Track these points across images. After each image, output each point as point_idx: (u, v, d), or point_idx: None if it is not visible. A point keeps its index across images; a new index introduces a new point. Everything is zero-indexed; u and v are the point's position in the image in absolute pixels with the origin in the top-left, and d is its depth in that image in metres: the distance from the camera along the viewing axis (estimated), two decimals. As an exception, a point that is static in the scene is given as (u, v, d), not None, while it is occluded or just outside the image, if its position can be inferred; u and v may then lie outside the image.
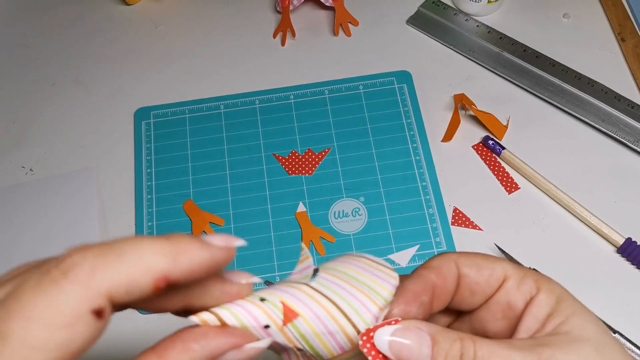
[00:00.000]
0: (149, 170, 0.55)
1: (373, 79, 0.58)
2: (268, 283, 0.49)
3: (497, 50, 0.58)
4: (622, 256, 0.48)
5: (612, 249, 0.49)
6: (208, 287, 0.24)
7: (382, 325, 0.24)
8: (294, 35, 0.62)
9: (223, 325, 0.23)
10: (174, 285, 0.21)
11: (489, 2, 0.60)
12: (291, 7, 0.62)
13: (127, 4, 0.65)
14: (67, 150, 0.57)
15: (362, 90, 0.57)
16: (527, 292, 0.28)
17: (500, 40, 0.59)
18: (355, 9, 0.63)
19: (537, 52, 0.58)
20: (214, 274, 0.23)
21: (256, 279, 0.26)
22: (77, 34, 0.64)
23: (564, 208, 0.51)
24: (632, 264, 0.48)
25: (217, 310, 0.23)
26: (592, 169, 0.53)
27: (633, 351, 0.44)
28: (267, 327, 0.24)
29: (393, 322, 0.25)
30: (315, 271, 0.26)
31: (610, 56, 0.58)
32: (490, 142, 0.53)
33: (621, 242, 0.48)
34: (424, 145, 0.54)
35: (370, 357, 0.24)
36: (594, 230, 0.49)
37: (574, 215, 0.50)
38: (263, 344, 0.24)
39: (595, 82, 0.56)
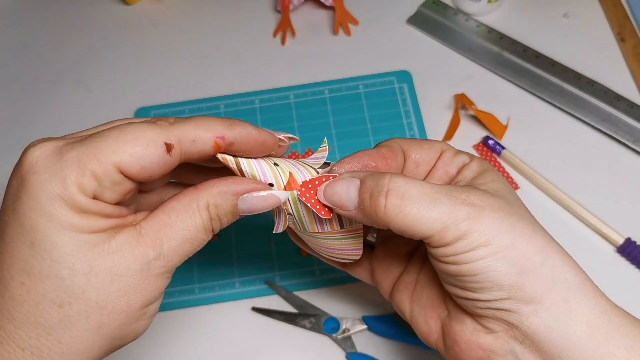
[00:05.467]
0: (149, 170, 0.55)
1: (373, 78, 0.58)
2: (268, 283, 0.49)
3: (497, 50, 0.58)
4: (622, 256, 0.48)
5: (612, 248, 0.49)
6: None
7: (319, 178, 0.30)
8: (294, 34, 0.62)
9: (239, 169, 0.29)
10: (230, 145, 0.28)
11: (489, 2, 0.60)
12: (291, 7, 0.62)
13: (127, 4, 0.65)
14: (67, 150, 0.57)
15: (362, 90, 0.57)
16: (461, 161, 0.33)
17: (500, 40, 0.59)
18: (355, 8, 0.63)
19: (537, 52, 0.58)
20: (261, 150, 0.30)
21: (291, 135, 0.32)
22: (77, 34, 0.64)
23: (564, 208, 0.51)
24: (632, 264, 0.48)
25: (239, 158, 0.29)
26: (592, 169, 0.53)
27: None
28: (271, 185, 0.29)
29: (331, 177, 0.30)
30: (326, 164, 0.32)
31: (610, 56, 0.58)
32: (491, 142, 0.53)
33: (621, 242, 0.48)
34: (424, 145, 0.54)
35: (309, 204, 0.29)
36: (594, 230, 0.50)
37: (574, 215, 0.50)
38: (279, 194, 0.29)
39: (595, 82, 0.56)
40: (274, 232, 0.33)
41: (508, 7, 0.62)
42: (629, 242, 0.48)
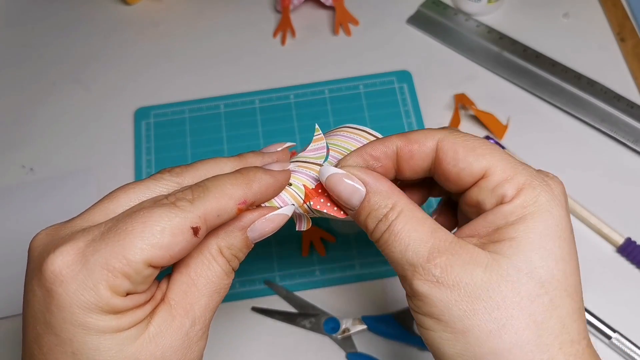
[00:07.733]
0: (148, 170, 0.55)
1: (373, 78, 0.58)
2: (267, 283, 0.49)
3: (497, 50, 0.58)
4: (622, 256, 0.48)
5: (612, 248, 0.49)
6: None
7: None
8: (294, 34, 0.62)
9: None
10: (251, 205, 0.28)
11: (489, 2, 0.60)
12: (291, 7, 0.62)
13: (127, 4, 0.65)
14: (67, 149, 0.57)
15: (362, 90, 0.57)
16: (500, 196, 0.27)
17: (500, 40, 0.59)
18: (355, 8, 0.63)
19: (537, 52, 0.58)
20: (278, 192, 0.30)
21: (288, 144, 0.34)
22: (77, 34, 0.64)
23: (564, 208, 0.51)
24: (632, 264, 0.48)
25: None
26: (592, 169, 0.53)
27: (633, 351, 0.44)
28: (292, 205, 0.31)
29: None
30: (327, 152, 0.33)
31: (610, 56, 0.58)
32: (491, 141, 0.53)
33: (621, 242, 0.48)
34: (424, 145, 0.54)
35: (325, 211, 0.30)
36: (594, 230, 0.50)
37: (574, 215, 0.50)
38: (285, 210, 0.30)
39: (595, 82, 0.56)
40: (297, 229, 0.33)
41: (508, 7, 0.62)
42: (629, 242, 0.48)
